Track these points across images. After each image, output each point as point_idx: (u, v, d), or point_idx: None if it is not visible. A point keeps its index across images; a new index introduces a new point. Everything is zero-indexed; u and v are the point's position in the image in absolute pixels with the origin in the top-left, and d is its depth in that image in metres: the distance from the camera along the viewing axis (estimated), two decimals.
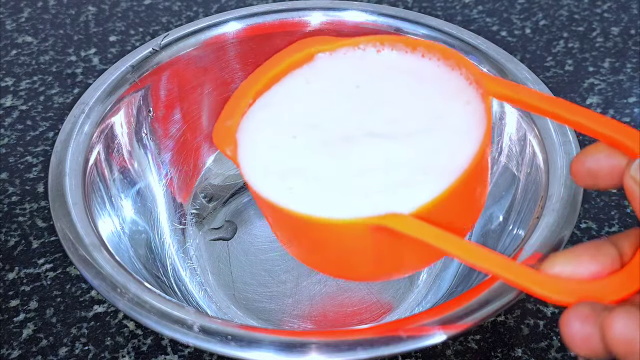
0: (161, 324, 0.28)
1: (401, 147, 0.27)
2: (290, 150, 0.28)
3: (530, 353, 0.35)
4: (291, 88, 0.31)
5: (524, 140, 0.37)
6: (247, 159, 0.28)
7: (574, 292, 0.21)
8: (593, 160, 0.22)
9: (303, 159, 0.27)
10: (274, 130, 0.29)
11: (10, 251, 0.41)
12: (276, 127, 0.29)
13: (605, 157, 0.22)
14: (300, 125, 0.29)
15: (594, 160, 0.22)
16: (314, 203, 0.25)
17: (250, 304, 0.38)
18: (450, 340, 0.35)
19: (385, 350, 0.27)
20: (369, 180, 0.26)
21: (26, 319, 0.37)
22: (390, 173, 0.26)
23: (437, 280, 0.38)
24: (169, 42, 0.42)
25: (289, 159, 0.27)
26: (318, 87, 0.31)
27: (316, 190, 0.26)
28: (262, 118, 0.30)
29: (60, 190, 0.33)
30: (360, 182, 0.26)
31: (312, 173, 0.27)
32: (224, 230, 0.42)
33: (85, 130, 0.36)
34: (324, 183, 0.26)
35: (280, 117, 0.29)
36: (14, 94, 0.52)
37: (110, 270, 0.30)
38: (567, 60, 0.54)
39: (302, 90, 0.31)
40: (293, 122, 0.29)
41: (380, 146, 0.27)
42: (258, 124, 0.30)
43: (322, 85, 0.30)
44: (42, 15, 0.60)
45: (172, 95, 0.42)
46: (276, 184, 0.27)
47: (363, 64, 0.31)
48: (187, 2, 0.61)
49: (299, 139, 0.28)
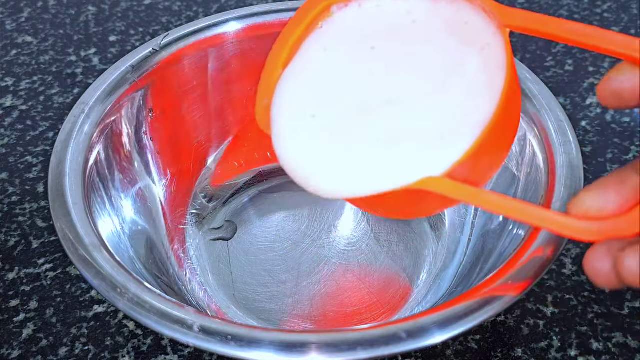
0: (161, 324, 0.28)
1: (422, 111, 0.27)
2: (311, 134, 0.29)
3: (530, 353, 0.35)
4: (309, 58, 0.31)
5: (524, 140, 0.37)
6: (278, 147, 0.30)
7: (598, 231, 0.23)
8: (617, 81, 0.23)
9: (327, 143, 0.28)
10: (292, 112, 0.30)
11: (10, 251, 0.41)
12: (295, 107, 0.30)
13: (628, 78, 0.23)
14: (319, 101, 0.30)
15: (618, 82, 0.23)
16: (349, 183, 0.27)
17: (250, 304, 0.38)
18: (450, 340, 0.35)
19: (385, 350, 0.27)
20: (396, 152, 0.27)
21: (26, 319, 0.37)
22: (415, 139, 0.27)
23: (437, 280, 0.38)
24: (169, 42, 0.42)
25: (313, 143, 0.29)
26: (335, 54, 0.31)
27: (347, 170, 0.28)
28: (283, 96, 0.31)
29: (60, 190, 0.33)
30: (388, 155, 0.27)
31: (339, 156, 0.28)
32: (224, 230, 0.42)
33: (85, 130, 0.36)
34: (351, 163, 0.28)
35: (300, 94, 0.30)
36: (14, 94, 0.52)
37: (110, 270, 0.30)
38: (567, 60, 0.54)
39: (320, 59, 0.31)
40: (311, 99, 0.30)
41: (401, 114, 0.27)
42: (279, 104, 0.31)
43: (339, 51, 0.31)
44: (42, 15, 0.60)
45: (172, 95, 0.42)
46: (309, 171, 0.28)
47: (378, 16, 0.31)
48: (187, 2, 0.61)
49: (318, 118, 0.29)
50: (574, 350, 0.35)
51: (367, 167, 0.27)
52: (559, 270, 0.39)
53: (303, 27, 0.31)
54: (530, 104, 0.37)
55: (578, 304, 0.37)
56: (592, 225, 0.23)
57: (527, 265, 0.29)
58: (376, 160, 0.27)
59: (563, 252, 0.39)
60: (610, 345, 0.35)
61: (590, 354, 0.35)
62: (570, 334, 0.36)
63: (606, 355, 0.35)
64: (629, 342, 0.36)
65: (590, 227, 0.23)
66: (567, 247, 0.40)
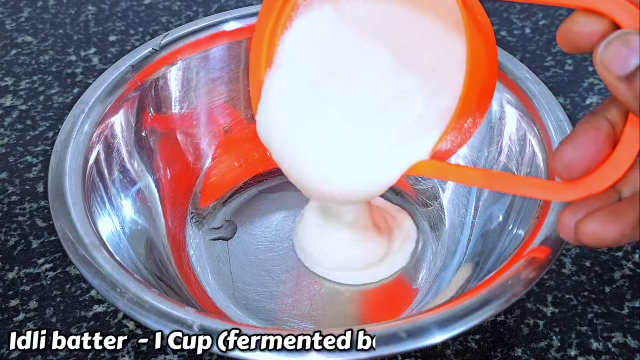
0: (161, 324, 0.28)
1: (400, 101, 0.30)
2: (308, 139, 0.32)
3: (530, 353, 0.35)
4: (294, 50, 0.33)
5: (524, 140, 0.37)
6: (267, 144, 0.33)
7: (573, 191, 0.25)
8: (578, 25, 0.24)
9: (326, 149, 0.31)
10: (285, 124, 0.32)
11: (10, 251, 0.41)
12: (289, 115, 0.32)
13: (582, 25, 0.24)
14: (310, 107, 0.32)
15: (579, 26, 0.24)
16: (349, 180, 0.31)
17: (250, 304, 0.38)
18: (450, 340, 0.35)
19: (385, 350, 0.27)
20: (382, 145, 0.30)
21: (26, 319, 0.37)
22: (400, 130, 0.30)
23: (437, 280, 0.38)
24: (169, 42, 0.42)
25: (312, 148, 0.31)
26: (323, 45, 0.33)
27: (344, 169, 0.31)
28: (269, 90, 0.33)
29: (60, 190, 0.33)
30: (377, 148, 0.30)
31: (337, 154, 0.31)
32: (224, 230, 0.42)
33: (85, 130, 0.36)
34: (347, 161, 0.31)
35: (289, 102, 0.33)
36: (14, 94, 0.52)
37: (110, 270, 0.30)
38: (567, 60, 0.54)
39: (306, 54, 0.33)
40: (302, 104, 0.32)
41: (385, 105, 0.30)
42: (265, 103, 0.33)
43: (327, 43, 0.33)
44: (42, 15, 0.60)
45: (172, 95, 0.42)
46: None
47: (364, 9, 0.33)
48: (187, 2, 0.61)
49: (307, 124, 0.32)
50: (574, 350, 0.35)
51: (364, 165, 0.29)
52: (559, 270, 0.39)
53: (272, 23, 0.33)
54: (530, 104, 0.37)
55: (578, 304, 0.37)
56: (568, 187, 0.25)
57: (527, 266, 0.29)
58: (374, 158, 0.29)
59: (563, 252, 0.39)
60: (610, 345, 0.35)
61: (590, 354, 0.35)
62: (570, 334, 0.36)
63: (606, 355, 0.35)
64: (629, 342, 0.36)
65: (566, 188, 0.25)
66: (567, 247, 0.40)
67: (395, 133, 0.30)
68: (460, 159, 0.41)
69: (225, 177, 0.44)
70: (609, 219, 0.24)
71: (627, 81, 0.22)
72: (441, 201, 0.42)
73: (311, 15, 0.33)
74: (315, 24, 0.33)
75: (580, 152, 0.25)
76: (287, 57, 0.33)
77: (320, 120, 0.31)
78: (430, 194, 0.43)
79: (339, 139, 0.31)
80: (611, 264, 0.39)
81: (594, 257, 0.39)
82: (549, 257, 0.29)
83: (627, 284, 0.38)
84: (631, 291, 0.38)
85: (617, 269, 0.39)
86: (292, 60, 0.33)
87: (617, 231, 0.24)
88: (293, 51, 0.33)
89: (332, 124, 0.31)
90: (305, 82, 0.32)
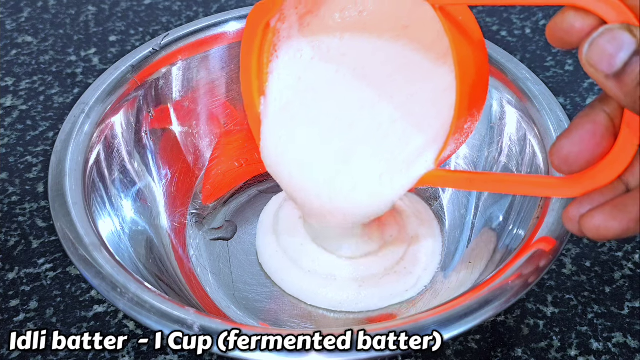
0: (161, 324, 0.28)
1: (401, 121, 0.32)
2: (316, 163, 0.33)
3: (530, 353, 0.35)
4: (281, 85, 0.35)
5: (524, 140, 0.37)
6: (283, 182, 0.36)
7: (576, 187, 0.25)
8: (567, 21, 0.24)
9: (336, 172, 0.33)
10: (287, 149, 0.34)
11: (10, 251, 0.41)
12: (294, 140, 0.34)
13: (572, 21, 0.23)
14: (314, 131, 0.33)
15: (569, 21, 0.24)
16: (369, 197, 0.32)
17: (250, 304, 0.38)
18: (450, 340, 0.35)
19: (385, 350, 0.27)
20: (386, 165, 0.31)
21: (26, 319, 0.37)
22: (399, 151, 0.31)
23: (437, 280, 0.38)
24: (169, 42, 0.42)
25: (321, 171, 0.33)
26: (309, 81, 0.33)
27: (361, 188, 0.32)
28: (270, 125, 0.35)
29: (60, 190, 0.33)
30: (381, 168, 0.31)
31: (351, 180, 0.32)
32: (224, 230, 0.42)
33: (85, 130, 0.36)
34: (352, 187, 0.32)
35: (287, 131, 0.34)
36: (14, 94, 0.52)
37: (110, 270, 0.30)
38: (567, 60, 0.54)
39: (296, 87, 0.34)
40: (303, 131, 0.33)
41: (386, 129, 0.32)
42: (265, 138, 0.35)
43: (315, 72, 0.34)
44: (42, 15, 0.60)
45: (172, 95, 0.42)
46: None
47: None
48: (187, 2, 0.61)
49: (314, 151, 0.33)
50: (574, 350, 0.35)
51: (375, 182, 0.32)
52: (559, 270, 0.39)
53: (257, 49, 0.34)
54: (530, 104, 0.37)
55: (578, 304, 0.37)
56: (571, 183, 0.26)
57: (527, 265, 0.29)
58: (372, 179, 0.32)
59: (563, 252, 0.39)
60: (610, 345, 0.35)
61: (590, 354, 0.35)
62: (570, 334, 0.36)
63: (606, 355, 0.35)
64: (629, 342, 0.36)
65: (569, 184, 0.26)
66: (567, 247, 0.40)
67: (400, 152, 0.31)
68: (460, 159, 0.41)
69: (225, 177, 0.44)
70: (612, 214, 0.24)
71: (615, 78, 0.22)
72: (441, 201, 0.42)
73: (293, 44, 0.34)
74: (299, 54, 0.34)
75: (577, 146, 0.24)
76: (278, 90, 0.34)
77: (326, 145, 0.33)
78: (431, 194, 0.43)
79: (346, 162, 0.32)
80: (611, 264, 0.39)
81: (594, 257, 0.39)
82: (549, 257, 0.29)
83: (627, 284, 0.38)
84: (631, 291, 0.38)
85: (617, 269, 0.39)
86: (284, 94, 0.34)
87: (620, 226, 0.24)
88: (283, 83, 0.34)
89: (336, 148, 0.33)
90: (303, 117, 0.34)
